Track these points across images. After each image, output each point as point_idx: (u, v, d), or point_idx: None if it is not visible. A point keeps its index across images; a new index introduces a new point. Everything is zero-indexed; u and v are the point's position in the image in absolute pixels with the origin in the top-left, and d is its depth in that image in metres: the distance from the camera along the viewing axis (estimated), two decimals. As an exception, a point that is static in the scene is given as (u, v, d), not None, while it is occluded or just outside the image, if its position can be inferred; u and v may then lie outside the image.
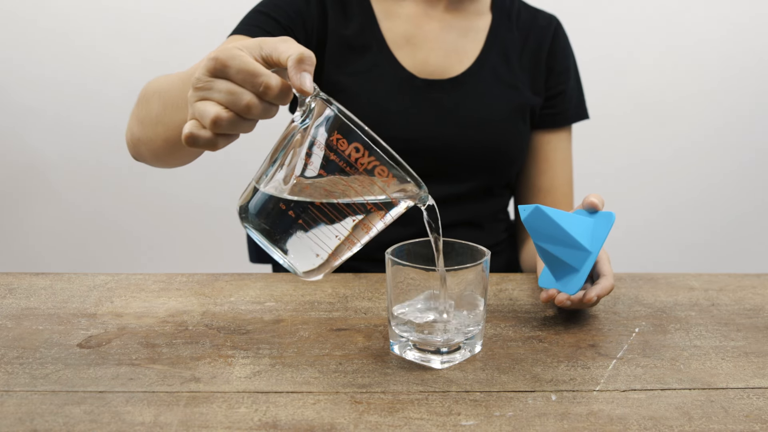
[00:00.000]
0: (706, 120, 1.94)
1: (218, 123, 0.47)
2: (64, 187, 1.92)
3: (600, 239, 0.65)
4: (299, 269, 0.52)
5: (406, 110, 0.91)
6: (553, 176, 0.99)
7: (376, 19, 0.93)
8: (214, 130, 0.47)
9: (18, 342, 0.60)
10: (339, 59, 0.91)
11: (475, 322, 0.58)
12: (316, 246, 0.51)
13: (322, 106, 0.49)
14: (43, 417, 0.48)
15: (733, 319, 0.68)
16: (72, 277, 0.77)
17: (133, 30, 1.81)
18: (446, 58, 0.93)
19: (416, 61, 0.92)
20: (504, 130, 0.92)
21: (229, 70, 0.47)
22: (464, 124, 0.91)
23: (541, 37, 0.97)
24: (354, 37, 0.91)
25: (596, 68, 1.51)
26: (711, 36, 1.87)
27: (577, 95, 1.01)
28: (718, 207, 2.01)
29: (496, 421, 0.48)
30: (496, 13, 0.97)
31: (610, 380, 0.55)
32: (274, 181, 0.50)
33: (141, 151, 0.77)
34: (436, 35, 0.93)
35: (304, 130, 0.49)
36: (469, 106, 0.92)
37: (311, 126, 0.49)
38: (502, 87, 0.94)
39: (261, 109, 0.48)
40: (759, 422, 0.49)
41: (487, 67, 0.93)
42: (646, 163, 1.95)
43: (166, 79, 0.72)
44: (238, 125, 0.48)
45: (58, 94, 1.84)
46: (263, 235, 0.51)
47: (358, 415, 0.49)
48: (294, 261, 0.51)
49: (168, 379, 0.54)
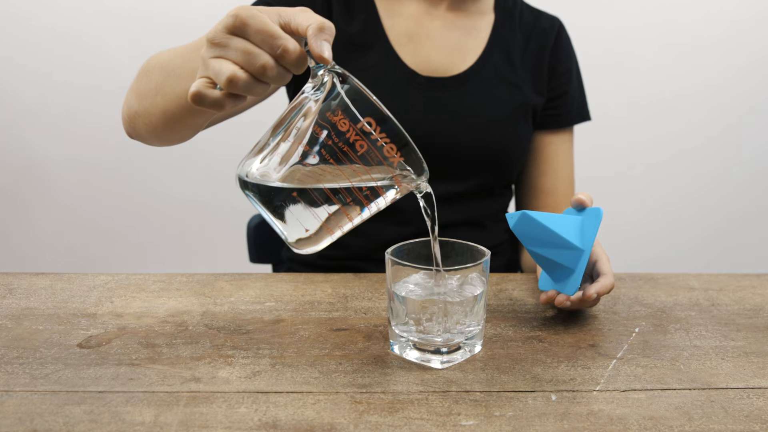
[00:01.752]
0: (706, 120, 1.94)
1: (234, 82, 0.46)
2: (64, 187, 1.92)
3: (590, 236, 0.64)
4: (290, 238, 0.52)
5: (408, 108, 0.91)
6: (555, 178, 0.99)
7: (379, 16, 0.93)
8: (229, 89, 0.47)
9: (18, 342, 0.60)
10: (342, 56, 0.92)
11: (475, 322, 0.58)
12: (309, 220, 0.51)
13: (335, 79, 0.48)
14: (43, 417, 0.48)
15: (733, 319, 0.68)
16: (72, 277, 0.77)
17: (133, 30, 1.81)
18: (448, 57, 0.93)
19: (418, 59, 0.92)
20: (505, 129, 0.92)
21: (249, 29, 0.46)
22: (465, 123, 0.91)
23: (544, 38, 0.97)
24: (357, 34, 0.92)
25: (596, 70, 1.51)
26: (712, 36, 1.87)
27: (579, 97, 1.01)
28: (718, 207, 2.01)
29: (496, 421, 0.48)
30: (499, 13, 0.97)
31: (610, 380, 0.55)
32: (276, 155, 0.49)
33: (137, 125, 0.76)
34: (439, 33, 0.93)
35: (315, 102, 0.48)
36: (470, 104, 0.92)
37: (322, 99, 0.48)
38: (505, 86, 0.94)
39: (276, 73, 0.47)
40: (759, 422, 0.49)
41: (490, 66, 0.93)
42: (646, 163, 1.95)
43: (169, 51, 0.71)
44: (252, 87, 0.47)
45: (58, 94, 1.84)
46: (260, 203, 0.50)
47: (358, 415, 0.49)
48: (287, 230, 0.51)
49: (168, 379, 0.54)
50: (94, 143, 1.87)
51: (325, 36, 0.47)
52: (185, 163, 1.88)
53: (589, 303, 0.65)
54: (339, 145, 0.48)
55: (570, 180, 1.01)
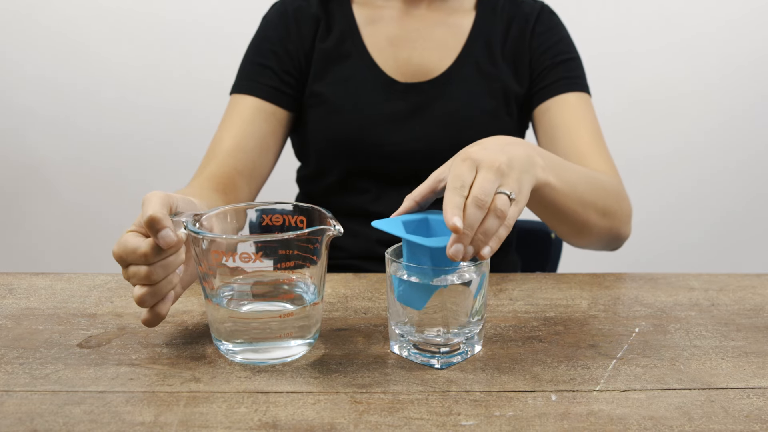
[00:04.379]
0: (706, 118, 1.94)
1: (143, 300, 0.54)
2: (64, 187, 1.92)
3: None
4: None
5: (388, 115, 0.91)
6: (557, 150, 0.91)
7: (357, 26, 0.94)
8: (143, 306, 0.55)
9: (18, 342, 0.60)
10: (321, 71, 0.93)
11: (475, 322, 0.58)
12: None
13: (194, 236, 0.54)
14: (43, 417, 0.48)
15: (733, 319, 0.68)
16: (72, 277, 0.77)
17: (133, 30, 1.81)
18: (429, 56, 0.93)
19: (399, 62, 0.93)
20: (488, 126, 0.91)
21: (127, 260, 0.54)
22: (447, 125, 0.91)
23: (524, 23, 0.96)
24: (334, 47, 0.93)
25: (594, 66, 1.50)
26: (710, 32, 1.87)
27: (568, 69, 0.95)
28: (718, 207, 2.01)
29: (496, 421, 0.48)
30: (481, 8, 0.96)
31: (610, 380, 0.55)
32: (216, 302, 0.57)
33: None
34: (419, 33, 0.94)
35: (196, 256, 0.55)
36: (450, 106, 0.92)
37: (199, 252, 0.55)
38: (485, 82, 0.93)
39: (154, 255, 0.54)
40: (759, 422, 0.49)
41: (470, 63, 0.93)
42: (645, 162, 1.95)
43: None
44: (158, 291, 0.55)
45: (58, 94, 1.84)
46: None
47: (358, 415, 0.49)
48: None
49: (168, 379, 0.54)
50: (94, 143, 1.87)
51: (157, 228, 0.53)
52: (185, 163, 1.88)
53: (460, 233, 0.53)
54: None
55: (572, 146, 0.90)
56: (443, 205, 0.53)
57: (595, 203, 0.75)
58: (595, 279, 0.80)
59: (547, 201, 0.68)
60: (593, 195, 0.75)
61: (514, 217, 0.55)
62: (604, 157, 0.90)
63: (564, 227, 0.77)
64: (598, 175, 0.79)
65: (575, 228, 0.76)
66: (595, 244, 0.83)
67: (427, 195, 0.61)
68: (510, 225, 0.54)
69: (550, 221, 0.76)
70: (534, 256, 1.16)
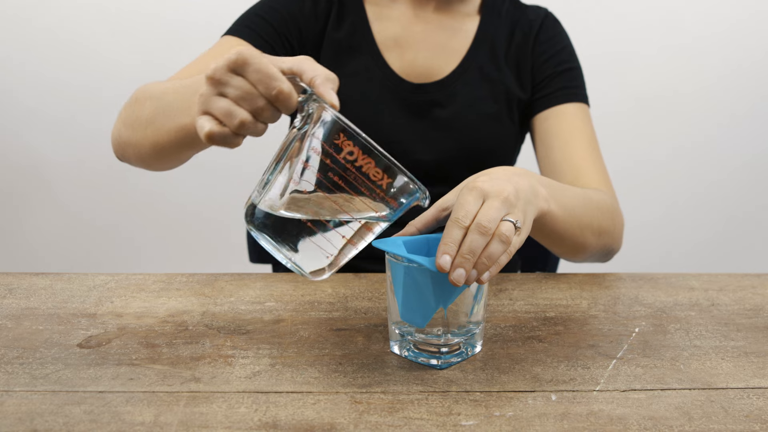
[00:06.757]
0: (706, 119, 1.94)
1: (245, 125, 0.50)
2: (64, 187, 1.92)
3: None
4: (306, 269, 0.53)
5: (394, 114, 0.92)
6: (553, 160, 0.92)
7: (368, 21, 0.94)
8: (239, 131, 0.51)
9: (18, 342, 0.60)
10: (332, 62, 0.92)
11: (475, 322, 0.58)
12: (321, 249, 0.52)
13: (320, 111, 0.50)
14: (43, 417, 0.48)
15: (733, 319, 0.68)
16: (72, 277, 0.77)
17: (133, 30, 1.81)
18: (434, 59, 0.93)
19: (404, 62, 0.93)
20: (491, 130, 0.92)
21: (248, 67, 0.49)
22: (451, 127, 0.92)
23: (528, 29, 0.96)
24: (345, 38, 0.93)
25: (595, 67, 1.51)
26: (712, 33, 1.87)
27: (569, 79, 0.95)
28: (718, 207, 2.01)
29: (496, 421, 0.48)
30: (486, 12, 0.97)
31: (610, 380, 0.55)
32: (276, 187, 0.51)
33: (127, 153, 0.78)
34: (425, 36, 0.94)
35: (303, 135, 0.51)
36: (455, 108, 0.92)
37: (309, 131, 0.51)
38: (489, 86, 0.93)
39: (270, 114, 0.51)
40: (759, 422, 0.49)
41: (474, 67, 0.93)
42: (645, 162, 1.95)
43: (160, 85, 0.73)
44: (255, 129, 0.51)
45: (58, 94, 1.84)
46: (270, 239, 0.52)
47: (358, 415, 0.49)
48: (301, 262, 0.52)
49: (168, 379, 0.54)
50: (94, 143, 1.87)
51: (331, 85, 0.51)
52: (185, 162, 1.88)
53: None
54: (330, 171, 0.50)
55: (568, 156, 0.90)
56: (441, 238, 0.53)
57: (591, 224, 0.76)
58: (595, 279, 0.80)
59: (548, 228, 0.69)
60: (590, 217, 0.76)
61: (516, 246, 0.55)
62: (599, 170, 0.90)
63: (561, 248, 0.78)
64: (593, 194, 0.80)
65: (572, 248, 0.77)
66: (588, 259, 0.85)
67: (430, 223, 0.61)
68: (512, 252, 0.55)
69: (548, 244, 0.77)
70: (534, 256, 1.16)
